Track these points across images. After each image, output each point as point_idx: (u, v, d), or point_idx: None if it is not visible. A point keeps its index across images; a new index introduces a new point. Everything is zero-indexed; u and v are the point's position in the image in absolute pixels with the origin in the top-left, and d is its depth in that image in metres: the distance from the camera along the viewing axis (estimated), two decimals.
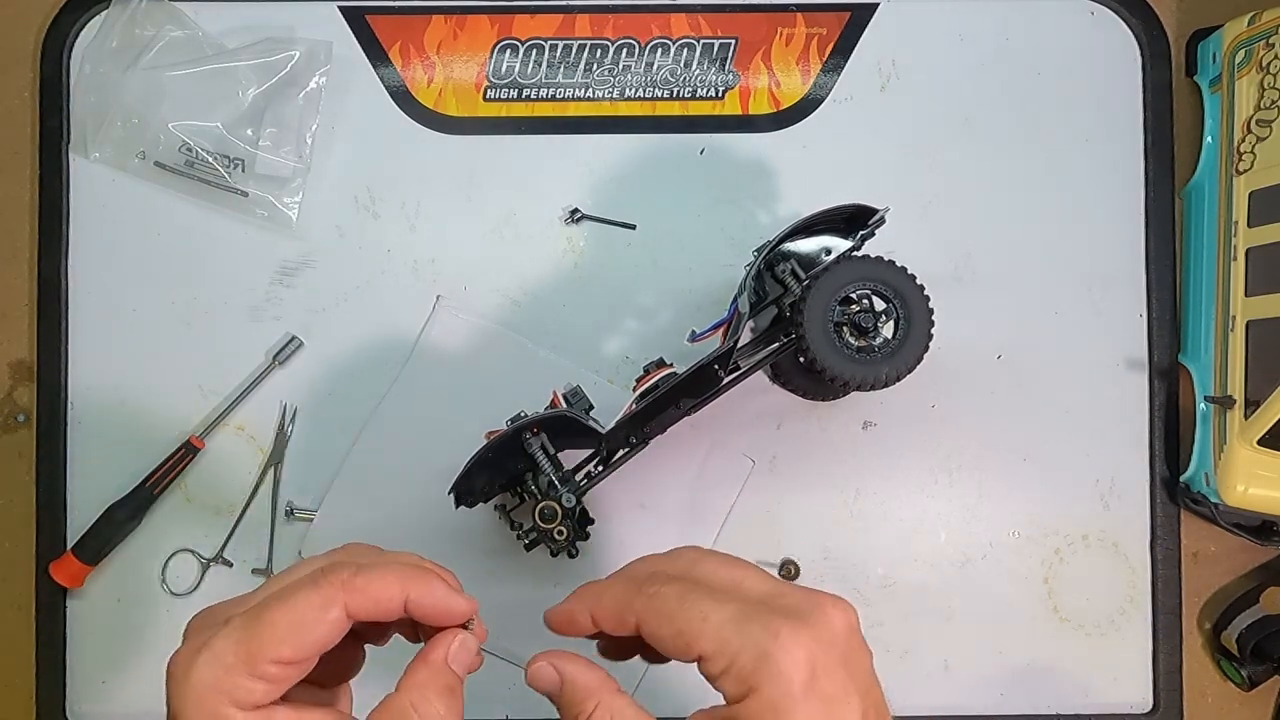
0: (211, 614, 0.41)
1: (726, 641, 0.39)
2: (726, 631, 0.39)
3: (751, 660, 0.38)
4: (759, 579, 0.42)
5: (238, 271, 0.67)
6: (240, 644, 0.38)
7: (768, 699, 0.38)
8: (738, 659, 0.38)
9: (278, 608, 0.38)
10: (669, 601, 0.41)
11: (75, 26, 0.67)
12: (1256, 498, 0.62)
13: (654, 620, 0.41)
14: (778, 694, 0.38)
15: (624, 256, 0.67)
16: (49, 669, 0.65)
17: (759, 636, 0.38)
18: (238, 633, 0.38)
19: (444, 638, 0.42)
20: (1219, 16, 0.68)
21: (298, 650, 0.38)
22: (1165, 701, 0.67)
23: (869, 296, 0.55)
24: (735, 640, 0.38)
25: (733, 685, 0.39)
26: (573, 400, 0.56)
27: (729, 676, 0.39)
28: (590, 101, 0.68)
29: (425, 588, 0.41)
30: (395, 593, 0.40)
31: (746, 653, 0.38)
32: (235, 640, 0.38)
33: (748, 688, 0.38)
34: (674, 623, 0.40)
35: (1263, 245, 0.62)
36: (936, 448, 0.67)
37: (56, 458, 0.66)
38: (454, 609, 0.41)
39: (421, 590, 0.41)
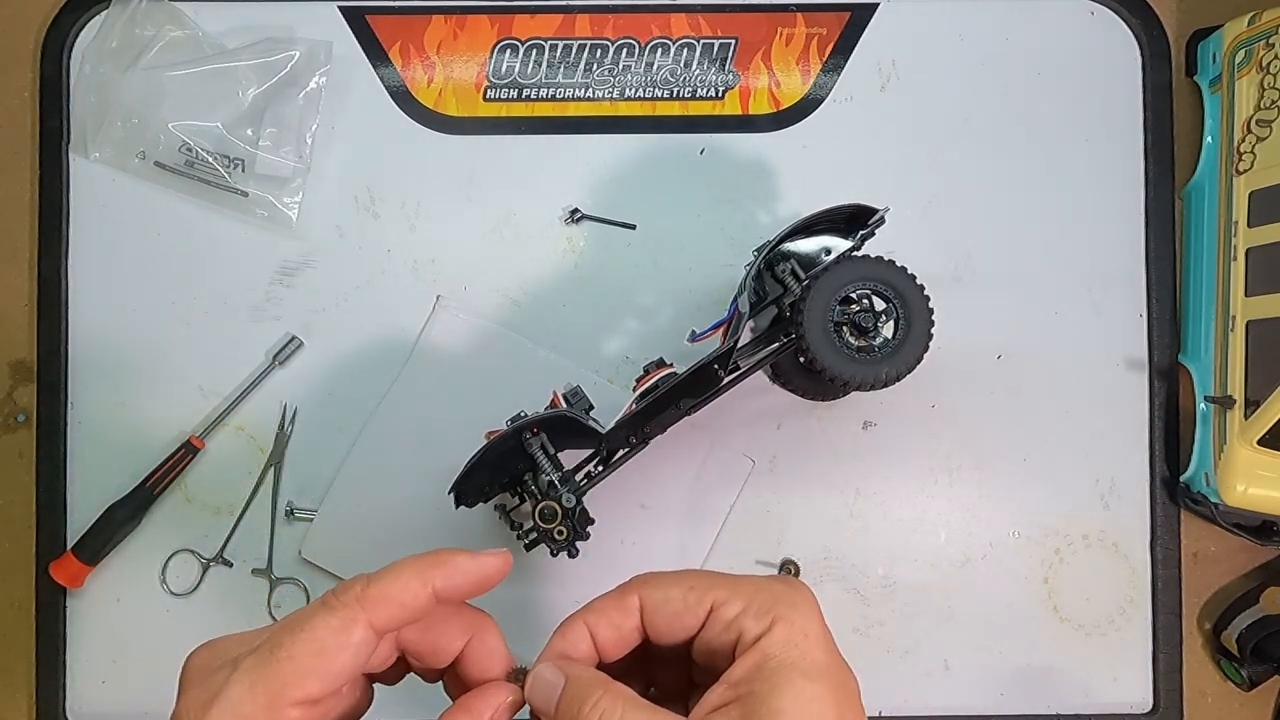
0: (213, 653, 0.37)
1: (739, 586, 0.39)
2: (738, 579, 0.40)
3: (769, 596, 0.39)
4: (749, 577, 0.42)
5: (238, 271, 0.67)
6: (257, 687, 0.34)
7: (797, 626, 0.38)
8: (756, 596, 0.39)
9: (293, 640, 0.35)
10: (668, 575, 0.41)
11: (75, 26, 0.67)
12: (1256, 498, 0.62)
13: (659, 587, 0.40)
14: (802, 621, 0.38)
15: (624, 256, 0.67)
16: (49, 669, 0.65)
17: (769, 581, 0.40)
18: (252, 674, 0.34)
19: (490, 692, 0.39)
20: (1219, 16, 0.68)
21: (324, 683, 0.35)
22: (1165, 701, 0.67)
23: (869, 296, 0.55)
24: (748, 585, 0.39)
25: (754, 620, 0.38)
26: (573, 400, 0.56)
27: (749, 613, 0.38)
28: (590, 101, 0.68)
29: (449, 569, 0.38)
30: (417, 588, 0.37)
31: (763, 591, 0.39)
32: (250, 684, 0.34)
33: (771, 618, 0.38)
34: (681, 580, 0.40)
35: (1263, 245, 0.62)
36: (936, 448, 0.67)
37: (56, 458, 0.66)
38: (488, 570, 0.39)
39: (446, 572, 0.38)
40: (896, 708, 0.66)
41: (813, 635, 0.38)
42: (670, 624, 0.40)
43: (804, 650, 0.38)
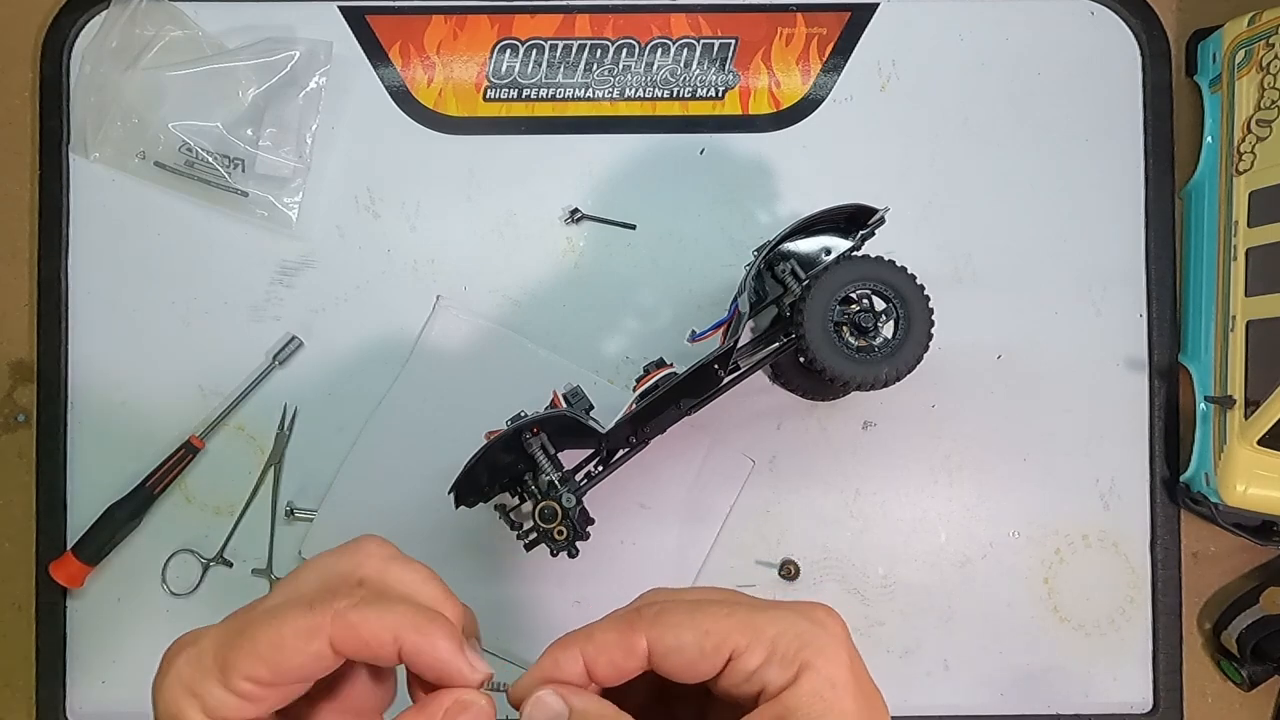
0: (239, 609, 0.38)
1: (761, 630, 0.36)
2: (759, 620, 0.36)
3: (795, 641, 0.35)
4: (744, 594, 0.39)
5: (238, 271, 0.67)
6: (219, 650, 0.35)
7: (823, 675, 0.35)
8: (779, 642, 0.35)
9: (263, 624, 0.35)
10: (681, 610, 0.36)
11: (75, 26, 0.67)
12: (1256, 498, 0.62)
13: (670, 630, 0.36)
14: (830, 669, 0.35)
15: (624, 256, 0.67)
16: (49, 669, 0.65)
17: (794, 619, 0.36)
18: (221, 637, 0.35)
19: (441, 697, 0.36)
20: (1219, 16, 0.68)
21: (273, 673, 0.35)
22: (1165, 701, 0.67)
23: (869, 296, 0.55)
24: (770, 626, 0.36)
25: (778, 671, 0.35)
26: (573, 400, 0.56)
27: (773, 663, 0.35)
28: (590, 101, 0.68)
29: (424, 640, 0.35)
30: (387, 639, 0.35)
31: (787, 634, 0.35)
32: (216, 645, 0.35)
33: (797, 667, 0.35)
34: (696, 622, 0.36)
35: (1263, 245, 0.62)
36: (936, 448, 0.67)
37: (56, 458, 0.66)
38: (452, 674, 0.36)
39: (418, 642, 0.35)
40: (896, 708, 0.66)
41: (840, 684, 0.35)
42: (682, 671, 0.36)
43: (831, 702, 0.35)
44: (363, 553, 0.38)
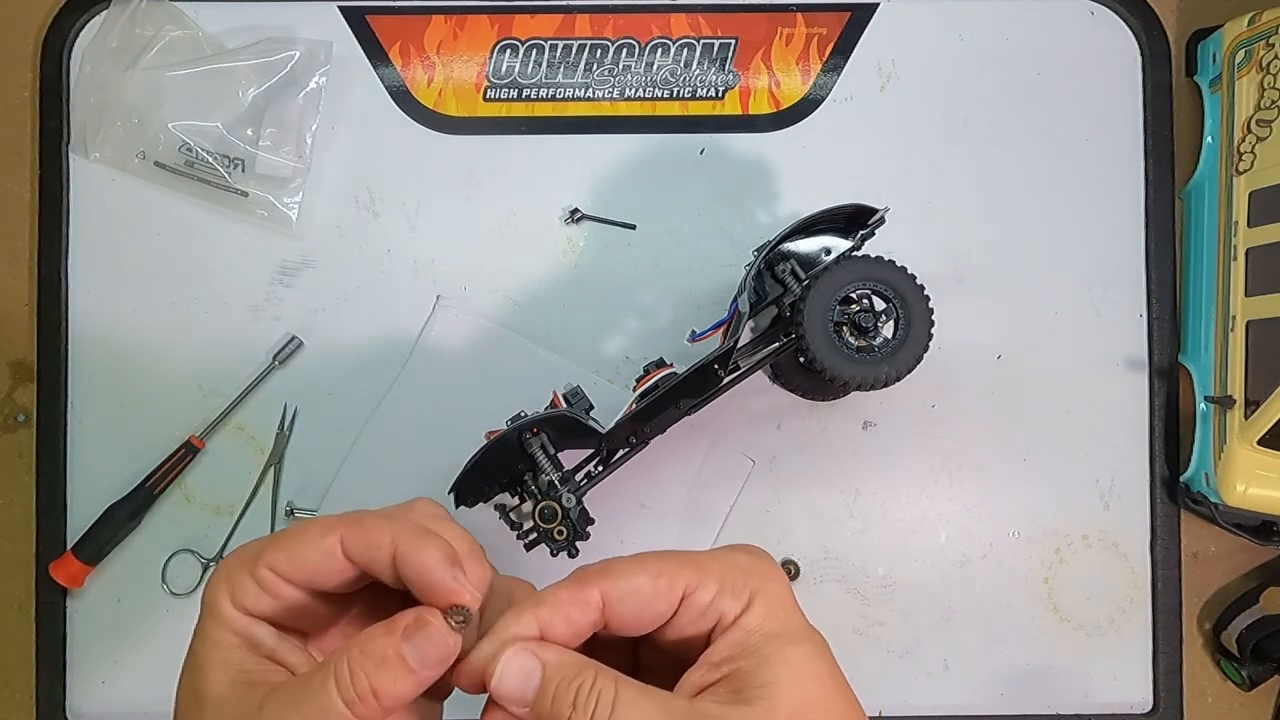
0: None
1: (708, 566, 0.38)
2: (702, 559, 0.38)
3: (741, 572, 0.38)
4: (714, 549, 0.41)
5: (238, 271, 0.67)
6: (254, 548, 0.39)
7: (774, 596, 0.38)
8: (726, 576, 0.38)
9: (289, 530, 0.39)
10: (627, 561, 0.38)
11: (75, 26, 0.67)
12: (1256, 498, 0.62)
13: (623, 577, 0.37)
14: (779, 590, 0.38)
15: (624, 256, 0.67)
16: (49, 669, 0.65)
17: (734, 554, 0.39)
18: (260, 542, 0.39)
19: (406, 614, 0.37)
20: (1219, 16, 0.68)
21: (290, 563, 0.38)
22: (1165, 701, 0.67)
23: (869, 296, 0.55)
24: (716, 562, 0.38)
25: (731, 600, 0.37)
26: (573, 400, 0.56)
27: (725, 594, 0.37)
28: (590, 101, 0.68)
29: (415, 549, 0.37)
30: (385, 540, 0.37)
31: (733, 569, 0.38)
32: (252, 548, 0.39)
33: (748, 594, 0.37)
34: (645, 567, 0.37)
35: (1263, 245, 0.62)
36: (936, 448, 0.67)
37: (56, 458, 0.66)
38: (435, 583, 0.37)
39: (409, 547, 0.37)
40: (896, 708, 0.66)
41: (789, 603, 0.38)
42: (638, 616, 0.38)
43: (784, 620, 0.38)
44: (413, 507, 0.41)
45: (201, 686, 0.38)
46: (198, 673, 0.38)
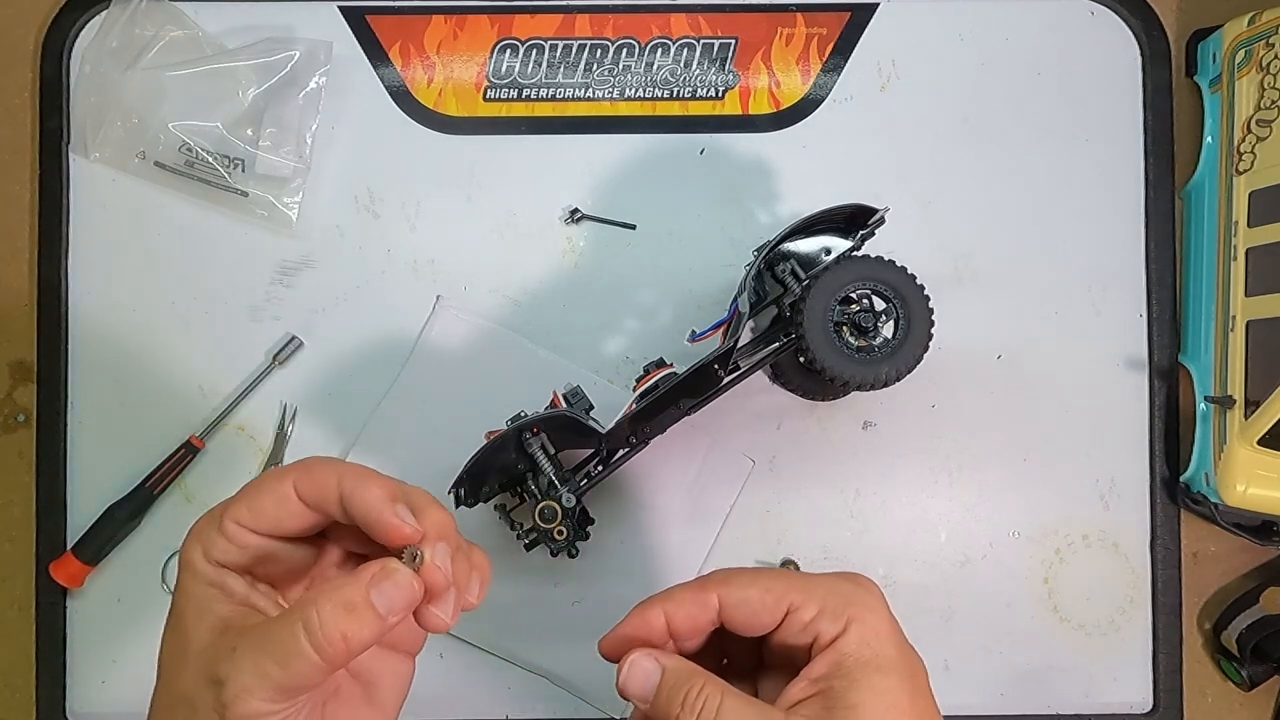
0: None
1: (813, 589, 0.42)
2: (809, 581, 0.42)
3: (842, 599, 0.41)
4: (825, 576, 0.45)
5: (238, 271, 0.67)
6: (221, 506, 0.43)
7: (869, 626, 0.41)
8: (829, 600, 0.41)
9: (252, 481, 0.43)
10: (745, 574, 0.43)
11: (75, 26, 0.67)
12: (1256, 498, 0.62)
13: (738, 588, 0.42)
14: (875, 621, 0.41)
15: (624, 256, 0.67)
16: (49, 669, 0.65)
17: (840, 582, 0.42)
18: (225, 501, 0.43)
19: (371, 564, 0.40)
20: (1219, 16, 0.68)
21: (252, 514, 0.42)
22: (1165, 701, 0.67)
23: (869, 296, 0.55)
24: (821, 588, 0.42)
25: (829, 623, 0.41)
26: (573, 400, 0.57)
27: (824, 616, 0.41)
28: (590, 101, 0.68)
29: (359, 485, 0.41)
30: (332, 481, 0.41)
31: (836, 594, 0.42)
32: (220, 507, 0.43)
33: (846, 620, 0.41)
34: (758, 582, 0.42)
35: (1263, 245, 0.62)
36: (936, 448, 0.67)
37: (56, 458, 0.66)
38: (379, 518, 0.40)
39: (352, 486, 0.41)
40: None
41: (883, 633, 0.41)
42: (747, 622, 0.43)
43: (876, 649, 0.41)
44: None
45: (182, 638, 0.42)
46: (179, 626, 0.42)
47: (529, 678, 0.65)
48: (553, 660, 0.65)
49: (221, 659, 0.40)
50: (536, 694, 0.65)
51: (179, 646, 0.42)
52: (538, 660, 0.65)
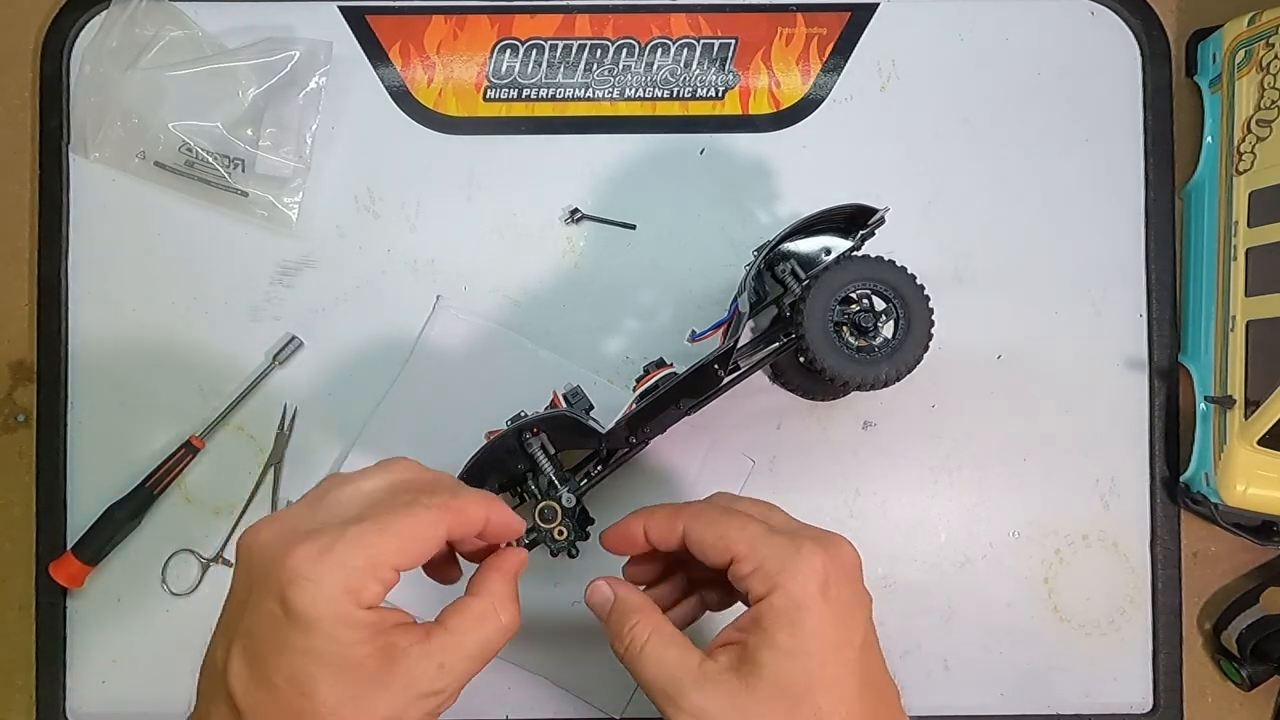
0: (284, 526, 0.43)
1: (757, 546, 0.46)
2: (758, 539, 0.46)
3: (777, 563, 0.45)
4: (785, 516, 0.51)
5: (238, 271, 0.67)
6: (365, 550, 0.42)
7: (789, 594, 0.45)
8: (765, 562, 0.46)
9: (397, 522, 0.43)
10: (713, 514, 0.49)
11: (75, 26, 0.67)
12: (1256, 498, 0.62)
13: (699, 527, 0.48)
14: (797, 590, 0.45)
15: (624, 256, 0.67)
16: (49, 669, 0.65)
17: (784, 546, 0.46)
18: (362, 540, 0.42)
19: (511, 553, 0.49)
20: (1219, 16, 0.68)
21: (413, 560, 0.43)
22: (1165, 701, 0.67)
23: (869, 296, 0.55)
24: (764, 546, 0.46)
25: (759, 583, 0.46)
26: (573, 400, 0.56)
27: (757, 575, 0.46)
28: (590, 101, 0.68)
29: (501, 511, 0.48)
30: (482, 515, 0.46)
31: (773, 557, 0.46)
32: (359, 546, 0.42)
33: (772, 585, 0.45)
34: (715, 528, 0.48)
35: (1263, 245, 0.62)
36: (936, 448, 0.67)
37: (56, 458, 0.66)
38: (519, 528, 0.50)
39: (499, 512, 0.48)
40: None
41: (804, 605, 0.45)
42: (699, 556, 0.48)
43: (794, 617, 0.45)
44: (399, 464, 0.48)
45: (348, 681, 0.41)
46: (338, 673, 0.41)
47: (529, 678, 0.65)
48: (553, 660, 0.65)
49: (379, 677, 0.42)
50: (536, 694, 0.65)
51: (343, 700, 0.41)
52: (538, 660, 0.65)
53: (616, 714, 0.65)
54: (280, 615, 0.40)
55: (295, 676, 0.40)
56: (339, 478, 0.46)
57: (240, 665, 0.41)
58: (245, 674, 0.41)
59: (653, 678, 0.46)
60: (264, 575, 0.41)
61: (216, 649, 0.43)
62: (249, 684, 0.41)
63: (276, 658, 0.40)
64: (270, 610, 0.41)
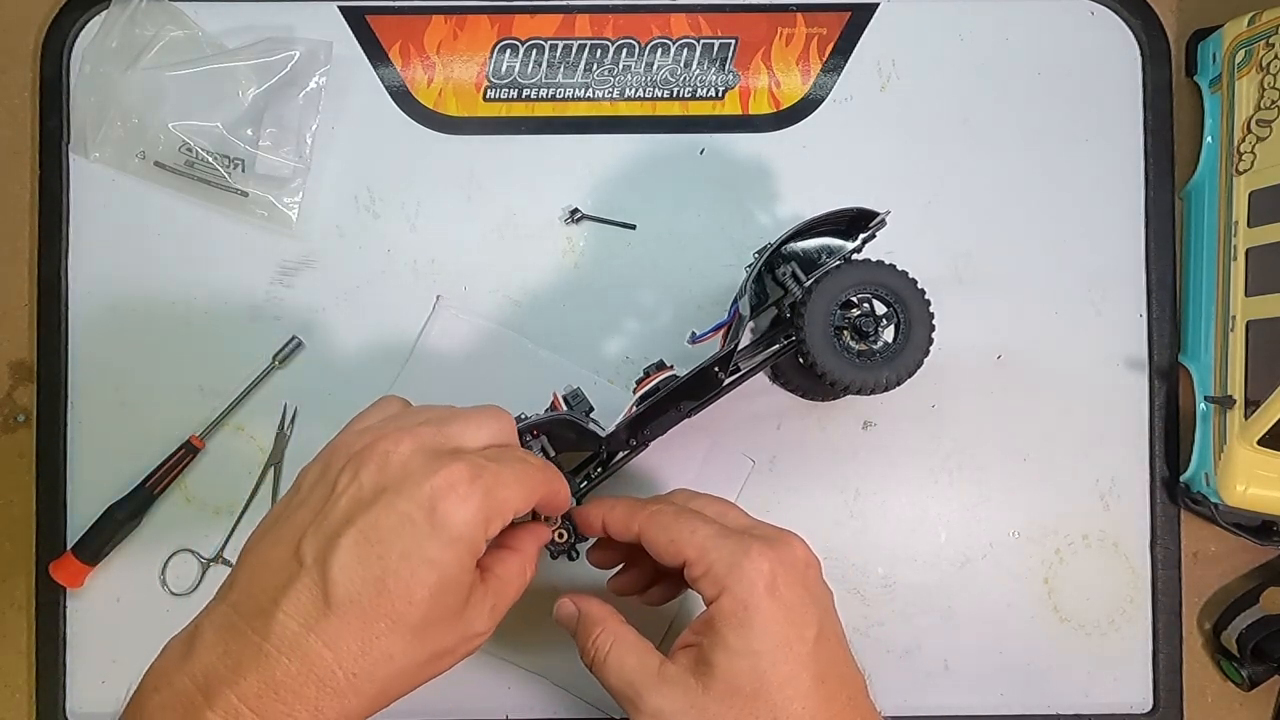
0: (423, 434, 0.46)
1: (707, 550, 0.48)
2: (709, 543, 0.48)
3: (725, 566, 0.47)
4: (740, 515, 0.52)
5: (238, 271, 0.67)
6: (507, 489, 0.45)
7: (736, 597, 0.46)
8: (714, 565, 0.47)
9: (528, 473, 0.46)
10: (666, 516, 0.50)
11: (75, 26, 0.67)
12: (1256, 498, 0.62)
13: (652, 529, 0.50)
14: (743, 592, 0.46)
15: (624, 256, 0.67)
16: (49, 669, 0.65)
17: (733, 548, 0.47)
18: (505, 477, 0.45)
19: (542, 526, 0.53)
20: (1219, 16, 0.68)
21: (523, 511, 0.46)
22: (1165, 701, 0.67)
23: (870, 300, 0.55)
24: (714, 550, 0.47)
25: (709, 586, 0.47)
26: (573, 402, 0.56)
27: (706, 579, 0.47)
28: (590, 101, 0.68)
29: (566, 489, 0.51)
30: (567, 493, 0.51)
31: (722, 560, 0.47)
32: (503, 485, 0.44)
33: (720, 588, 0.47)
34: (668, 532, 0.49)
35: (1263, 245, 0.62)
36: (936, 448, 0.67)
37: (56, 458, 0.66)
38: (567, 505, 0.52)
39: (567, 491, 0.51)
40: (896, 708, 0.66)
41: (751, 606, 0.46)
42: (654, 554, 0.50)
43: (740, 619, 0.46)
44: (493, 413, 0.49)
45: (448, 599, 0.43)
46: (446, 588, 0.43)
47: (529, 678, 0.65)
48: (553, 660, 0.65)
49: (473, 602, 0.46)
50: (536, 694, 0.66)
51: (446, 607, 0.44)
52: (538, 660, 0.65)
53: (617, 715, 0.65)
54: (422, 522, 0.42)
55: (413, 584, 0.42)
56: (446, 411, 0.48)
57: (351, 559, 0.42)
58: (355, 569, 0.42)
59: (615, 684, 0.49)
60: (408, 483, 0.43)
61: (303, 539, 0.43)
62: (357, 578, 0.41)
63: (402, 562, 0.42)
64: (409, 515, 0.42)
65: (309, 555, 0.42)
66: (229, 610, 0.43)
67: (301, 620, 0.41)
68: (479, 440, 0.47)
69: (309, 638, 0.41)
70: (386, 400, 0.51)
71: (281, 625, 0.41)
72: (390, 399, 0.51)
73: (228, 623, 0.43)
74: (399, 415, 0.48)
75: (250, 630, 0.42)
